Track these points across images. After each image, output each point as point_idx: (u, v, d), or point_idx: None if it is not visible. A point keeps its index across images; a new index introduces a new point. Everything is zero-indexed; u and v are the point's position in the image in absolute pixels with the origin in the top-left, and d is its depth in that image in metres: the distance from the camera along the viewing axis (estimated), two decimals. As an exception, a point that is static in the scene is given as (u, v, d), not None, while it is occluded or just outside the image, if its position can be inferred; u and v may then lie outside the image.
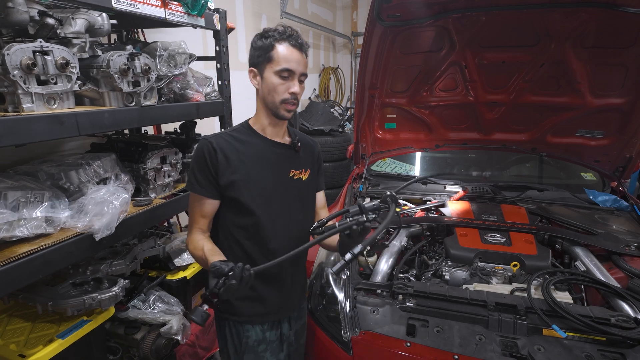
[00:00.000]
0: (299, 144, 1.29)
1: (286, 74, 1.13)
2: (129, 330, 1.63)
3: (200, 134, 2.04)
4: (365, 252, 1.66)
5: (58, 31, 1.26)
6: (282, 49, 1.13)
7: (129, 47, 1.46)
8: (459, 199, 2.12)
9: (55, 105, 1.18)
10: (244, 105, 2.43)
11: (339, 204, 2.06)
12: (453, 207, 1.98)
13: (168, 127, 2.24)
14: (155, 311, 1.65)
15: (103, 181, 1.42)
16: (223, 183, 1.16)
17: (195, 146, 1.22)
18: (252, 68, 1.19)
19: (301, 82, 1.19)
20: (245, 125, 1.27)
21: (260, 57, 1.15)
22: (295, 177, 1.27)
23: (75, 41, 1.31)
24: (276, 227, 1.22)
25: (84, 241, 1.21)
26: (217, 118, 2.00)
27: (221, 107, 1.95)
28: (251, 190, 1.18)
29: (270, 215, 1.21)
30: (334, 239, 1.22)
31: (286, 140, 1.28)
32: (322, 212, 1.39)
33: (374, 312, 1.34)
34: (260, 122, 1.24)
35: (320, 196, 1.40)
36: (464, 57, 2.02)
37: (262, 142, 1.23)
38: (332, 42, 6.50)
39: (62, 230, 1.21)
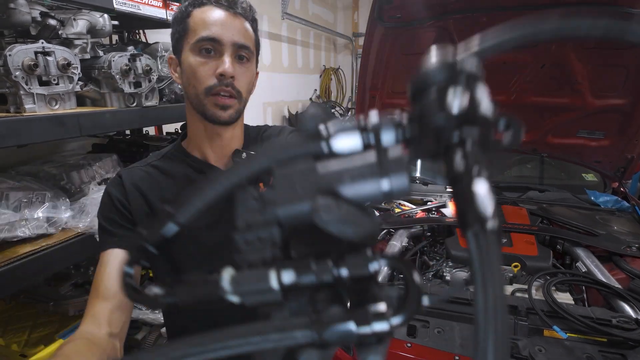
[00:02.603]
0: (244, 156, 0.85)
1: (209, 46, 0.73)
2: (130, 331, 1.63)
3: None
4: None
5: (60, 32, 1.27)
6: (200, 12, 0.75)
7: (131, 48, 1.47)
8: (460, 199, 2.12)
9: (56, 106, 1.18)
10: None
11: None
12: (454, 208, 1.98)
13: (169, 128, 2.24)
14: (157, 311, 1.65)
15: (104, 181, 1.42)
16: None
17: None
18: (171, 56, 0.83)
19: (242, 58, 0.77)
20: (177, 146, 0.88)
21: (176, 34, 0.79)
22: None
23: (76, 42, 1.31)
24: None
25: (85, 241, 1.21)
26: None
27: (222, 108, 1.95)
28: (182, 250, 0.78)
29: None
30: None
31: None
32: None
33: (374, 312, 1.34)
34: (195, 138, 0.84)
35: None
36: (464, 58, 2.02)
37: (196, 173, 0.83)
38: (333, 43, 6.50)
39: (63, 230, 1.21)
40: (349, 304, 0.26)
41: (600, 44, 1.82)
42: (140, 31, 2.01)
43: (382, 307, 0.24)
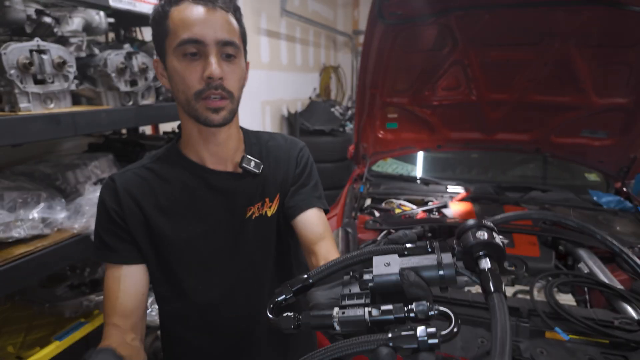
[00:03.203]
0: (252, 164, 0.83)
1: (193, 49, 0.70)
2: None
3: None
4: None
5: (55, 30, 1.25)
6: (178, 12, 0.70)
7: (127, 45, 1.45)
8: (461, 200, 2.11)
9: (52, 105, 1.16)
10: (243, 106, 2.41)
11: (340, 205, 2.04)
12: (455, 208, 1.97)
13: (166, 127, 2.23)
14: (153, 313, 1.63)
15: (100, 181, 1.41)
16: (135, 239, 0.77)
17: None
18: (156, 59, 0.78)
19: (229, 56, 0.73)
20: (173, 149, 0.84)
21: (157, 36, 0.74)
22: (254, 216, 0.84)
23: (72, 40, 1.30)
24: (225, 308, 0.82)
25: (81, 242, 1.20)
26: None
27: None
28: (175, 259, 0.79)
29: (212, 292, 0.81)
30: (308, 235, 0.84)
31: (238, 162, 0.83)
32: (321, 248, 0.84)
33: (374, 314, 1.33)
34: (190, 140, 0.81)
35: (310, 222, 0.86)
36: (466, 56, 2.00)
37: (193, 177, 0.81)
38: (333, 41, 6.47)
39: (59, 231, 1.20)
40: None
41: (603, 42, 1.80)
42: (137, 29, 1.99)
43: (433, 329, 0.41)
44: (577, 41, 1.81)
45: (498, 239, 0.46)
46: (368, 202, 2.16)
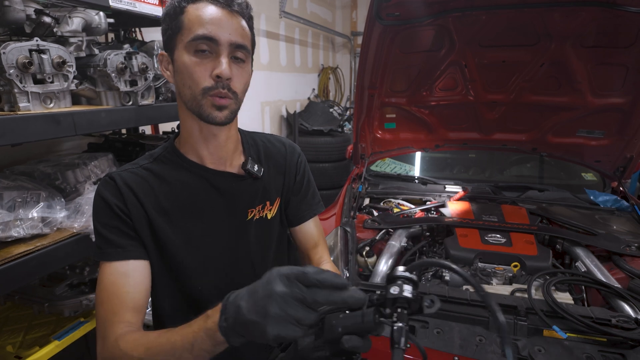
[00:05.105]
0: (255, 168, 0.84)
1: (204, 46, 0.71)
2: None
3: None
4: (365, 253, 1.65)
5: (55, 30, 1.25)
6: (195, 9, 0.72)
7: (126, 46, 1.46)
8: (459, 199, 2.11)
9: (51, 105, 1.17)
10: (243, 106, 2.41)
11: (338, 204, 2.05)
12: (453, 208, 1.97)
13: (165, 127, 2.23)
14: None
15: (100, 181, 1.41)
16: (139, 235, 0.76)
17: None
18: (161, 52, 0.79)
19: (237, 59, 0.74)
20: (170, 148, 0.84)
21: (168, 30, 0.75)
22: (255, 218, 0.85)
23: (72, 40, 1.30)
24: None
25: (80, 242, 1.20)
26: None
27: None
28: (176, 260, 0.79)
29: (211, 292, 0.80)
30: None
31: (237, 163, 0.85)
32: (315, 254, 0.95)
33: (373, 313, 1.33)
34: (190, 139, 0.81)
35: (309, 229, 0.94)
36: (464, 57, 2.01)
37: (194, 178, 0.81)
38: (332, 42, 6.49)
39: (58, 230, 1.20)
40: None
41: (599, 43, 1.82)
42: (136, 29, 2.00)
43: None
44: (574, 42, 1.82)
45: (407, 291, 0.51)
46: (366, 201, 2.17)
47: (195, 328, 0.57)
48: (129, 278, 0.73)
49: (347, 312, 0.55)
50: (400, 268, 0.54)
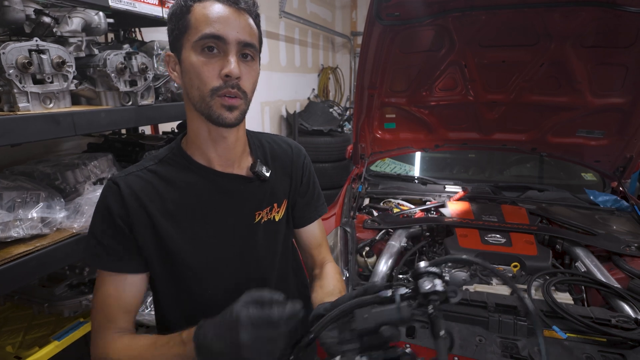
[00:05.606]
0: (264, 170, 0.83)
1: (212, 44, 0.70)
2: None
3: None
4: (364, 253, 1.65)
5: (54, 30, 1.25)
6: (202, 8, 0.70)
7: (126, 46, 1.45)
8: (459, 199, 2.12)
9: (51, 105, 1.16)
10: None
11: (338, 204, 2.05)
12: (453, 208, 1.97)
13: (165, 127, 2.23)
14: (153, 313, 1.64)
15: (100, 181, 1.41)
16: (140, 245, 0.76)
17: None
18: (168, 53, 0.78)
19: (246, 56, 0.73)
20: (177, 149, 0.82)
21: (174, 30, 0.74)
22: (263, 221, 0.85)
23: (71, 40, 1.30)
24: None
25: (80, 242, 1.20)
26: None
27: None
28: (184, 264, 0.78)
29: (218, 295, 0.79)
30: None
31: (244, 165, 0.84)
32: (319, 254, 0.96)
33: (373, 313, 1.33)
34: (197, 141, 0.79)
35: (314, 230, 0.95)
36: (463, 57, 2.01)
37: (201, 180, 0.80)
38: (332, 42, 6.49)
39: (58, 231, 1.20)
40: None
41: (599, 43, 1.82)
42: (136, 29, 2.00)
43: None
44: (574, 42, 1.82)
45: (439, 285, 0.58)
46: (366, 201, 2.17)
47: (174, 352, 0.66)
48: (125, 292, 0.76)
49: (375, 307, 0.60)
50: (424, 264, 0.60)
